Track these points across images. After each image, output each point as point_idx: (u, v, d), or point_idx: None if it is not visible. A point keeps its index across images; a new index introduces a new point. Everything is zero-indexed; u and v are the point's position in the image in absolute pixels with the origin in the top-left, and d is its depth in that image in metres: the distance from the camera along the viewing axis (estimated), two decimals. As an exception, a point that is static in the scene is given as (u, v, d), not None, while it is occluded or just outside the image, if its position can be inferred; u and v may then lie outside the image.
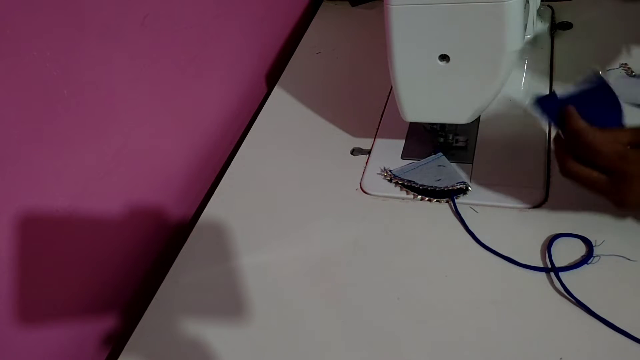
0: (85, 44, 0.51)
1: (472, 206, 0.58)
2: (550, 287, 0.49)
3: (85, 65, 0.51)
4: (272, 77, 0.87)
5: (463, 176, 0.59)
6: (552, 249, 0.52)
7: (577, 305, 0.47)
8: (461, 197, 0.58)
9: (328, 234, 0.59)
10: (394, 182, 0.62)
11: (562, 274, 0.50)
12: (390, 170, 0.63)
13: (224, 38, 0.75)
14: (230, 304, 0.55)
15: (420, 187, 0.60)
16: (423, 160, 0.63)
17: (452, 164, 0.61)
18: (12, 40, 0.44)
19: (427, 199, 0.59)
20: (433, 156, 0.62)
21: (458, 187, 0.58)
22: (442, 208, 0.59)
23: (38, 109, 0.47)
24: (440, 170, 0.61)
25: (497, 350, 0.46)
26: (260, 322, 0.53)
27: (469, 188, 0.58)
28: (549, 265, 0.50)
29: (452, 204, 0.58)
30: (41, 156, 0.48)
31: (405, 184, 0.61)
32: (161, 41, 0.62)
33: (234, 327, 0.53)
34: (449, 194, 0.59)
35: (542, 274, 0.50)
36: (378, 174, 0.63)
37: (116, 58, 0.55)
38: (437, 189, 0.59)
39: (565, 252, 0.51)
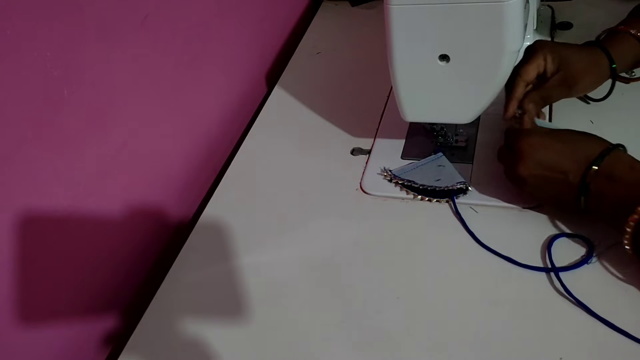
0: (86, 44, 0.51)
1: (472, 206, 0.58)
2: (550, 287, 0.49)
3: (86, 65, 0.51)
4: (272, 77, 0.87)
5: (463, 176, 0.59)
6: (552, 249, 0.52)
7: (577, 305, 0.47)
8: (461, 197, 0.58)
9: (328, 234, 0.59)
10: (394, 182, 0.62)
11: (562, 274, 0.50)
12: (390, 170, 0.63)
13: (224, 38, 0.75)
14: (230, 304, 0.55)
15: (420, 187, 0.60)
16: (423, 160, 0.63)
17: (452, 164, 0.61)
18: (12, 40, 0.44)
19: (427, 199, 0.59)
20: (433, 156, 0.62)
21: (458, 187, 0.58)
22: (442, 208, 0.59)
23: (38, 109, 0.47)
24: (440, 170, 0.61)
25: (497, 350, 0.46)
26: (260, 322, 0.53)
27: (469, 188, 0.58)
28: (549, 265, 0.51)
29: (452, 204, 0.58)
30: (41, 156, 0.48)
31: (405, 184, 0.61)
32: (161, 41, 0.62)
33: (234, 327, 0.53)
34: (449, 194, 0.59)
35: (542, 274, 0.50)
36: (378, 174, 0.63)
37: (116, 58, 0.55)
38: (437, 189, 0.59)
39: (565, 252, 0.51)
